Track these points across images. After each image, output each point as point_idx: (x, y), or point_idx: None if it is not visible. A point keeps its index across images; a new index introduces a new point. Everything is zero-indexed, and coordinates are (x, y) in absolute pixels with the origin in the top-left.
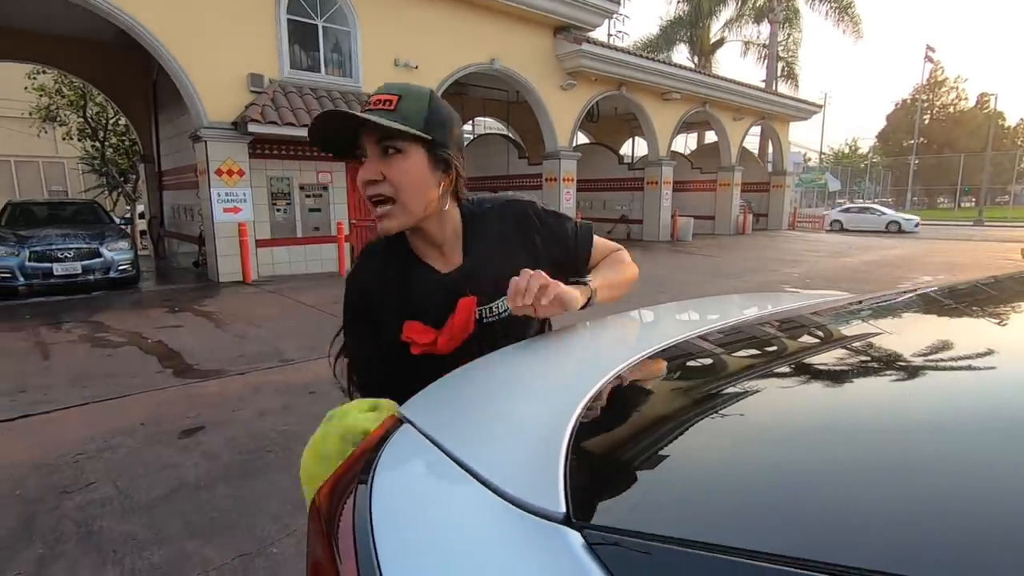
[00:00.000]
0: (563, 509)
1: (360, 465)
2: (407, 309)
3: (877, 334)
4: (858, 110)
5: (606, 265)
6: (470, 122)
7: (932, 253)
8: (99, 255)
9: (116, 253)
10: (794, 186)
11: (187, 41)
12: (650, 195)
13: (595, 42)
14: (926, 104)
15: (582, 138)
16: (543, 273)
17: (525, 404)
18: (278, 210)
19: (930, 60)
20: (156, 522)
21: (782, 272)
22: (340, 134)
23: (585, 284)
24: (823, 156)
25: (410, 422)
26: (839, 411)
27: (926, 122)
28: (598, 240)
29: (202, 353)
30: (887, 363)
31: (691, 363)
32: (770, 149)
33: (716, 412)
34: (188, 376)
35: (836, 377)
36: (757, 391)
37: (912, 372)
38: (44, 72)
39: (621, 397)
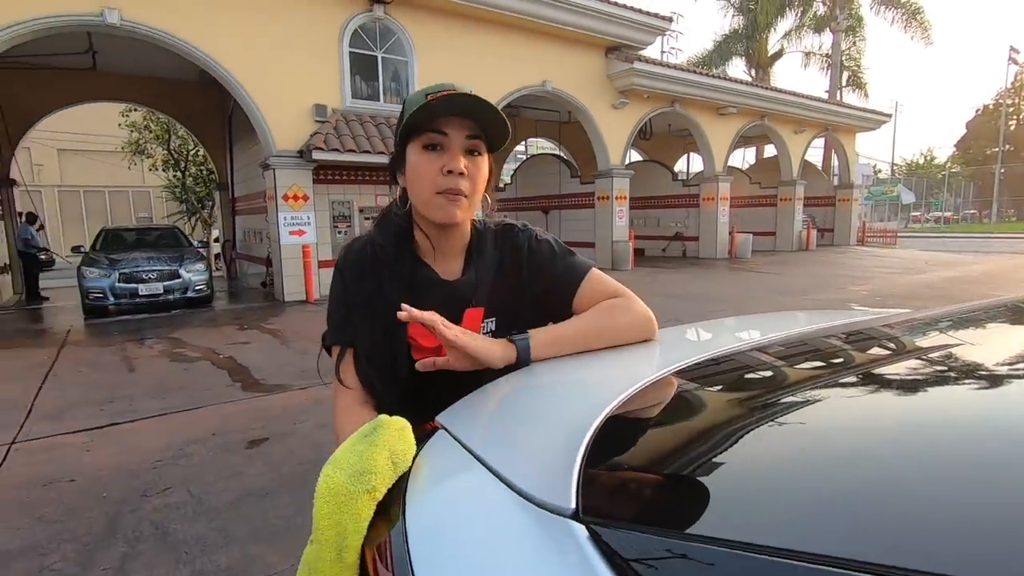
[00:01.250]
0: (572, 506)
1: None
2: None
3: (917, 348)
4: (933, 118)
5: (594, 311)
6: (523, 143)
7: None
8: (178, 276)
9: (193, 274)
10: (863, 199)
11: (259, 77)
12: (706, 212)
13: (647, 60)
14: (1011, 109)
15: (635, 155)
16: (445, 323)
17: (553, 411)
18: (339, 232)
19: (1014, 62)
20: (224, 526)
21: (849, 290)
22: (426, 120)
23: (511, 341)
24: (895, 167)
25: (446, 429)
26: (842, 413)
27: (1012, 128)
28: (597, 280)
29: (268, 368)
30: (910, 378)
31: (715, 375)
32: (835, 161)
33: (731, 422)
34: (255, 390)
35: (852, 387)
36: (772, 403)
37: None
38: (135, 110)
39: (643, 406)
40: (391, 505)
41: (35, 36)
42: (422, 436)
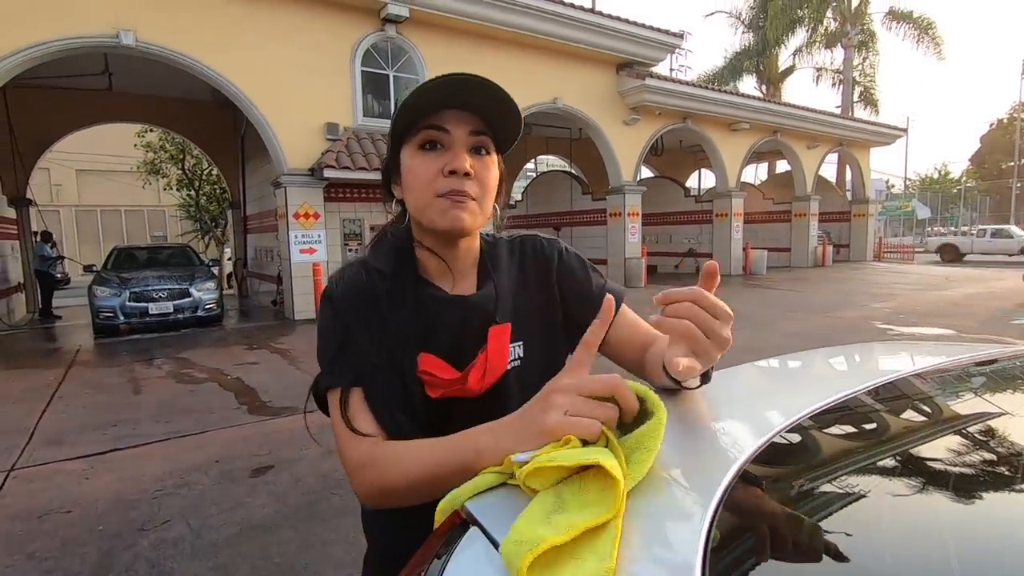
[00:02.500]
0: None
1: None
2: (417, 335)
3: None
4: (947, 133)
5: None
6: (533, 160)
7: None
8: (188, 295)
9: (203, 293)
10: (878, 215)
11: (271, 96)
12: (719, 228)
13: (658, 76)
14: None
15: (646, 172)
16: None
17: (633, 510)
18: (350, 250)
19: None
20: (223, 564)
21: (871, 307)
22: (429, 107)
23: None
24: (909, 182)
25: (480, 526)
26: None
27: None
28: (631, 312)
29: (275, 390)
30: None
31: (857, 433)
32: (849, 176)
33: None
34: (261, 413)
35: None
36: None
37: None
38: (151, 131)
39: (762, 510)
40: None
41: (52, 57)
42: (446, 531)
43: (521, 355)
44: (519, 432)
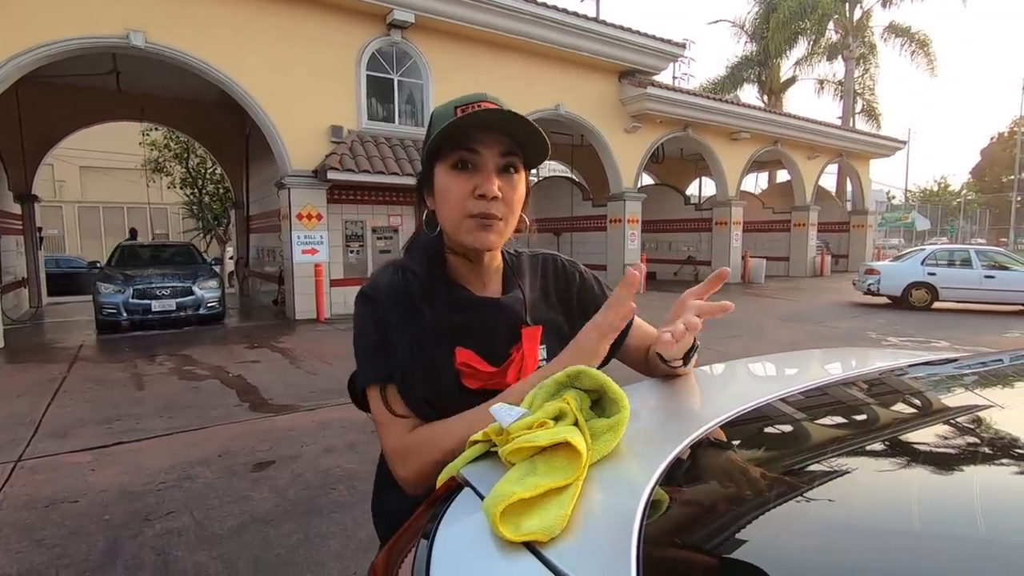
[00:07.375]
0: None
1: (421, 526)
2: (452, 330)
3: (985, 406)
4: (948, 146)
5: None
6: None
7: None
8: (191, 293)
9: (206, 291)
10: (877, 226)
11: (277, 98)
12: (719, 236)
13: (660, 85)
14: None
15: (647, 179)
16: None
17: (594, 476)
18: (351, 252)
19: None
20: (226, 555)
21: (867, 318)
22: (456, 137)
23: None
24: (909, 194)
25: (472, 487)
26: (952, 505)
27: None
28: (642, 323)
29: (276, 388)
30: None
31: (779, 432)
32: (849, 187)
33: (820, 497)
34: (263, 410)
35: (949, 461)
36: (854, 471)
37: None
38: (156, 129)
39: (699, 472)
40: None
41: (63, 56)
42: (444, 494)
43: (545, 358)
44: (578, 356)
